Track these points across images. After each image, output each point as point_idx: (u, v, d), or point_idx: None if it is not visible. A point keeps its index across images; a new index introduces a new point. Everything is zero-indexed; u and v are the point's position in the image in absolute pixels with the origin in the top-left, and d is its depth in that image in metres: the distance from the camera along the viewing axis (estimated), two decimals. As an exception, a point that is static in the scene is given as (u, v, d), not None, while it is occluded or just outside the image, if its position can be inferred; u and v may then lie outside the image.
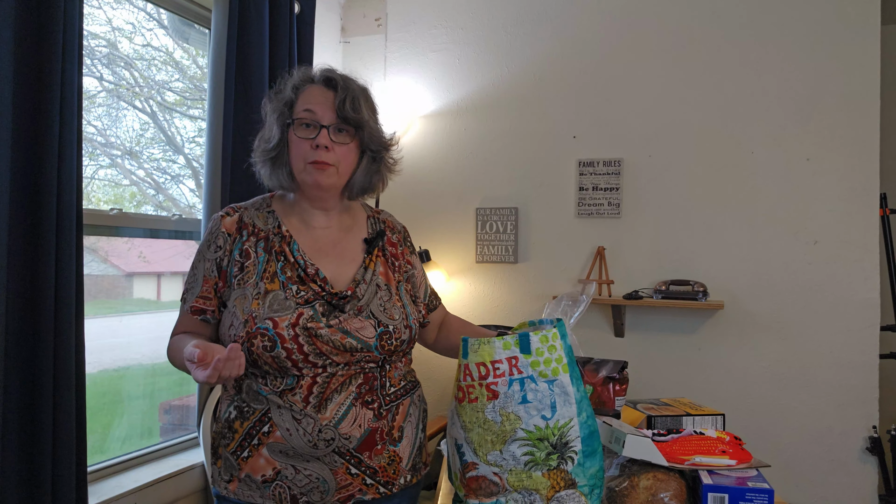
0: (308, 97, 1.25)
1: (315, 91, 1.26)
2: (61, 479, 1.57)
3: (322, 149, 1.21)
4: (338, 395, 1.17)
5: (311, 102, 1.24)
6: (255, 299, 1.18)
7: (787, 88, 2.50)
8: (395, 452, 1.23)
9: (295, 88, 1.28)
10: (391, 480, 1.23)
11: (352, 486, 1.18)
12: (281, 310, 1.17)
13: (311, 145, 1.22)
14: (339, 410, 1.17)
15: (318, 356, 1.16)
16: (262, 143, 1.29)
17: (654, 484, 1.14)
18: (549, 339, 1.04)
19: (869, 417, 2.38)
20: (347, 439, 1.17)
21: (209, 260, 1.24)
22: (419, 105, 3.03)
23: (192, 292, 1.25)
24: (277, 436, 1.16)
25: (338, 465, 1.17)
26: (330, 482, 1.17)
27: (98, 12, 2.06)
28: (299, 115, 1.24)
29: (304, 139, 1.23)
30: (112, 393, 2.21)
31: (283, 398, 1.16)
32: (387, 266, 1.33)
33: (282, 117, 1.26)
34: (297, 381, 1.16)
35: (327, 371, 1.17)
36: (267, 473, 1.17)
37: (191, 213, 2.44)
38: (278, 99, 1.29)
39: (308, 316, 1.17)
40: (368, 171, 1.31)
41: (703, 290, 2.49)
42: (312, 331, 1.16)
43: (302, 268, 1.22)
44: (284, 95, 1.28)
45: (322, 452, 1.16)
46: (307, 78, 1.29)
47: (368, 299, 1.24)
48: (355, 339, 1.18)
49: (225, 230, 1.25)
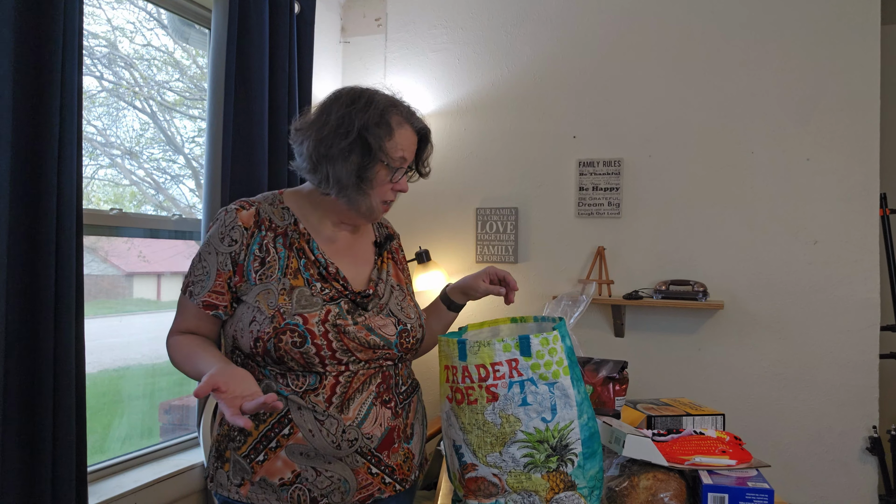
0: (404, 140, 1.24)
1: (410, 136, 1.25)
2: (61, 479, 1.57)
3: (398, 192, 1.26)
4: (359, 394, 1.18)
5: (406, 149, 1.24)
6: (280, 294, 1.17)
7: (787, 88, 2.50)
8: (408, 450, 1.26)
9: (398, 123, 1.22)
10: (405, 477, 1.25)
11: (371, 486, 1.20)
12: (309, 306, 1.17)
13: (392, 188, 1.25)
14: (362, 410, 1.18)
15: (344, 353, 1.17)
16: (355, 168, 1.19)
17: (654, 484, 1.14)
18: (549, 342, 1.04)
19: (869, 417, 2.38)
20: (370, 439, 1.18)
21: (223, 253, 1.19)
22: (419, 105, 3.00)
23: (201, 286, 1.20)
24: (299, 437, 1.16)
25: (359, 464, 1.18)
26: (351, 482, 1.18)
27: (98, 12, 2.06)
28: (396, 163, 1.22)
29: (390, 182, 1.24)
30: (112, 393, 2.21)
31: (305, 399, 1.16)
32: (396, 268, 1.37)
33: (376, 144, 1.19)
34: (321, 381, 1.16)
35: (349, 370, 1.18)
36: (285, 476, 1.16)
37: (191, 213, 2.44)
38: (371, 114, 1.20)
39: (335, 313, 1.18)
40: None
41: (703, 290, 2.49)
42: (341, 328, 1.17)
43: (323, 266, 1.23)
44: (382, 121, 1.20)
45: (345, 453, 1.17)
46: (408, 115, 1.25)
47: (387, 299, 1.28)
48: (379, 337, 1.21)
49: (241, 224, 1.20)
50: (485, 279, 1.37)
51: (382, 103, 1.22)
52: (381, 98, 1.24)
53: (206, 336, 1.24)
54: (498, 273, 1.37)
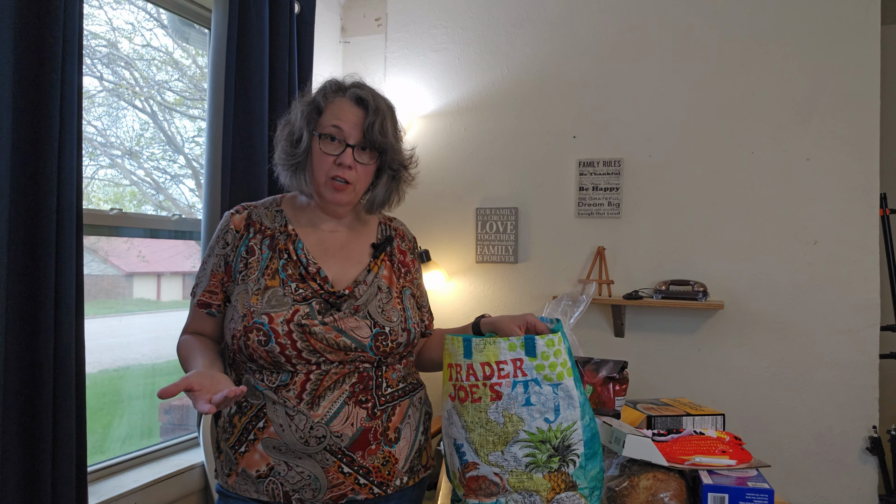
0: (337, 111, 1.25)
1: (345, 106, 1.25)
2: (61, 479, 1.57)
3: (345, 167, 1.23)
4: (331, 392, 1.18)
5: (339, 118, 1.24)
6: (254, 294, 1.19)
7: (787, 88, 2.50)
8: (390, 453, 1.22)
9: (325, 96, 1.27)
10: (385, 481, 1.22)
11: (344, 485, 1.18)
12: (278, 305, 1.18)
13: (334, 161, 1.23)
14: (332, 408, 1.17)
15: (311, 353, 1.17)
16: (288, 145, 1.28)
17: (654, 484, 1.14)
18: (554, 344, 1.04)
19: (869, 417, 2.38)
20: (339, 437, 1.17)
21: (217, 255, 1.27)
22: (419, 105, 3.03)
23: (200, 286, 1.28)
24: (272, 431, 1.17)
25: (329, 463, 1.17)
26: (322, 480, 1.17)
27: (98, 12, 2.06)
28: (327, 130, 1.24)
29: (328, 154, 1.23)
30: (112, 393, 2.21)
31: (277, 394, 1.17)
32: (392, 270, 1.34)
33: (310, 124, 1.26)
34: (292, 378, 1.17)
35: (321, 368, 1.18)
36: (261, 469, 1.18)
37: (191, 213, 2.44)
38: (306, 102, 1.28)
39: (304, 313, 1.18)
40: (388, 188, 1.34)
41: (703, 290, 2.49)
42: (306, 328, 1.17)
43: (304, 266, 1.24)
44: (314, 100, 1.27)
45: (314, 450, 1.16)
46: (339, 88, 1.28)
47: (367, 300, 1.25)
48: (349, 339, 1.19)
49: (234, 227, 1.27)
50: (521, 326, 1.22)
51: (323, 85, 1.28)
52: (326, 82, 1.29)
53: (208, 335, 1.30)
54: (538, 327, 1.21)
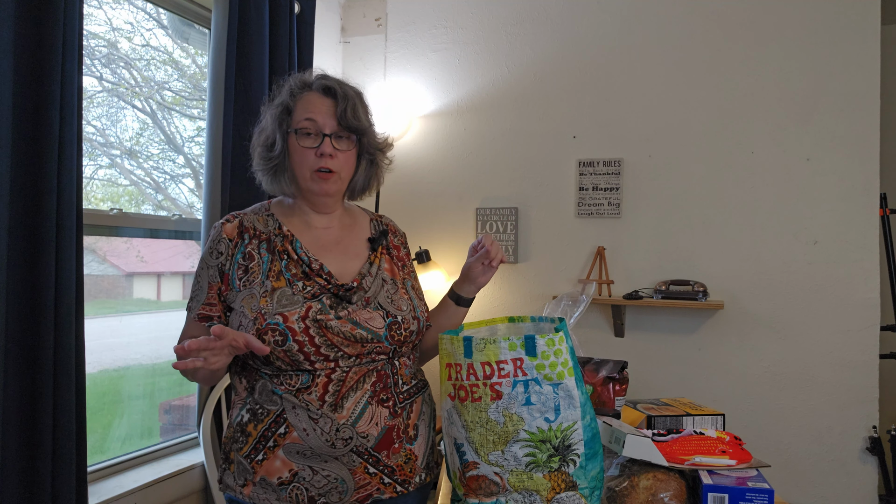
0: (307, 105, 1.26)
1: (314, 98, 1.27)
2: (61, 479, 1.57)
3: (326, 157, 1.24)
4: (353, 393, 1.18)
5: (311, 111, 1.25)
6: (262, 297, 1.19)
7: (787, 88, 2.50)
8: (411, 451, 1.24)
9: (292, 95, 1.28)
10: (408, 479, 1.24)
11: (370, 486, 1.19)
12: (289, 304, 1.18)
13: (315, 154, 1.24)
14: (356, 409, 1.17)
15: (329, 348, 1.17)
16: (264, 150, 1.30)
17: (654, 484, 1.14)
18: (555, 343, 1.04)
19: (869, 417, 2.38)
20: (365, 438, 1.17)
21: (212, 266, 1.25)
22: (419, 105, 3.03)
23: (197, 300, 1.26)
24: (294, 436, 1.16)
25: (356, 464, 1.17)
26: (348, 482, 1.17)
27: (98, 12, 2.06)
28: (301, 125, 1.25)
29: (307, 148, 1.25)
30: (112, 393, 2.20)
31: (298, 397, 1.16)
32: (392, 263, 1.36)
33: (283, 125, 1.27)
34: (313, 380, 1.17)
35: (339, 366, 1.18)
36: (283, 475, 1.17)
37: (190, 213, 2.44)
38: (276, 105, 1.29)
39: (317, 309, 1.18)
40: (367, 173, 1.36)
41: (703, 290, 2.49)
42: (322, 322, 1.17)
43: (306, 264, 1.24)
44: (282, 101, 1.28)
45: (340, 452, 1.16)
46: (304, 84, 1.29)
47: (375, 291, 1.26)
48: (365, 330, 1.20)
49: (226, 236, 1.26)
50: (471, 254, 1.36)
51: (288, 85, 1.30)
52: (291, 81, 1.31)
53: None
54: (485, 241, 1.33)
